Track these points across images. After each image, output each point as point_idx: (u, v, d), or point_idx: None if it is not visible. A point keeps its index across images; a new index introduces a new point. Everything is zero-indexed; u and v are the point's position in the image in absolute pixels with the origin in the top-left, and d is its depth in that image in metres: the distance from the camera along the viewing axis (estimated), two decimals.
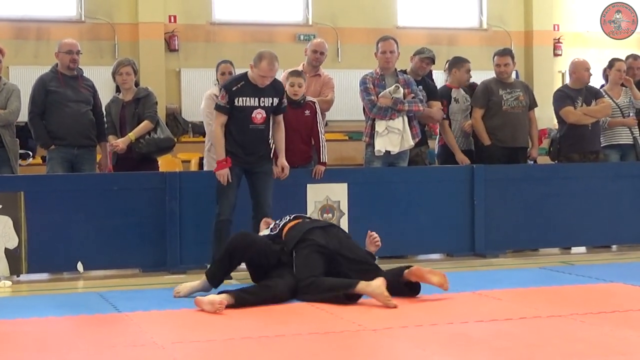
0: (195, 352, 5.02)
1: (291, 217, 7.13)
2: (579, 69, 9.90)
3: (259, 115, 7.68)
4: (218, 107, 7.72)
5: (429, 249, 9.28)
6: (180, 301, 6.55)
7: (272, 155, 7.99)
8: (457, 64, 9.80)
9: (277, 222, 7.12)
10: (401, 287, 6.53)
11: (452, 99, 9.54)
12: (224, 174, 7.62)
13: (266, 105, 7.71)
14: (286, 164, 7.97)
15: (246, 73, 7.69)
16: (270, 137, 7.93)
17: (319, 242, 6.73)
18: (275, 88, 7.79)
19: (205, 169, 9.04)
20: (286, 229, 6.98)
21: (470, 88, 9.89)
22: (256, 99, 7.66)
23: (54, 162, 8.71)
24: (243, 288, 6.53)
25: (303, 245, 6.72)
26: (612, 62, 10.19)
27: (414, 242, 9.02)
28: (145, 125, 8.71)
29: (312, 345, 5.18)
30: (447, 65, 10.07)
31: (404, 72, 9.34)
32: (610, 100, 9.92)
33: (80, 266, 8.03)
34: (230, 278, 7.21)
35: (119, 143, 8.61)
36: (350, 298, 6.31)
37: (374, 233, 7.18)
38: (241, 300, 6.29)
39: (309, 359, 4.82)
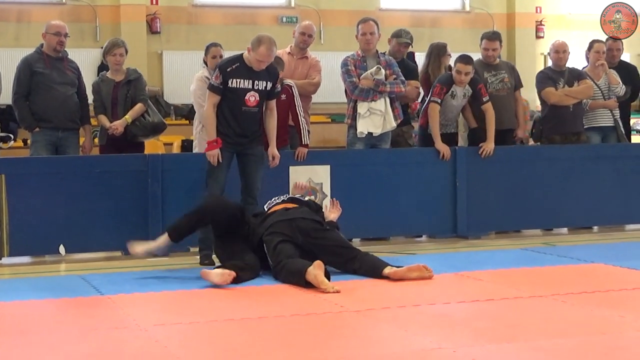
0: (177, 334, 5.02)
1: (285, 199, 7.19)
2: (554, 51, 9.92)
3: (252, 98, 7.64)
4: (211, 87, 7.67)
5: (411, 231, 9.30)
6: (162, 284, 6.56)
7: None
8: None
9: (275, 199, 7.20)
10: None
11: (451, 92, 9.27)
12: (214, 155, 7.59)
13: (260, 88, 7.66)
14: (277, 153, 7.96)
15: (241, 55, 7.65)
16: (260, 120, 7.87)
17: (285, 232, 6.80)
18: (270, 72, 7.74)
19: (196, 150, 9.01)
20: (270, 211, 7.06)
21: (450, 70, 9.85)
22: (250, 82, 7.62)
23: (38, 144, 8.64)
24: (235, 263, 6.62)
25: (270, 237, 6.80)
26: (592, 44, 10.19)
27: (396, 224, 9.03)
28: (140, 107, 8.71)
29: (294, 327, 5.19)
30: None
31: (382, 54, 9.35)
32: (592, 82, 9.94)
33: (62, 249, 8.01)
34: (213, 263, 7.26)
35: (117, 126, 8.59)
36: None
37: (335, 199, 7.60)
38: (241, 275, 6.49)
39: (291, 341, 4.82)
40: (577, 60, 10.47)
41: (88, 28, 16.28)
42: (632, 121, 12.44)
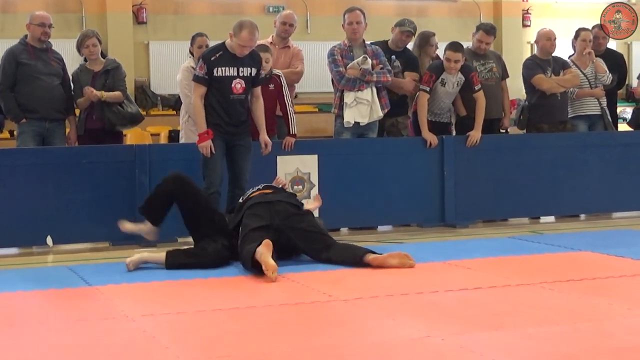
0: (165, 325, 5.01)
1: (261, 187, 7.18)
2: (542, 39, 9.93)
3: (238, 85, 7.63)
4: (197, 78, 7.65)
5: (399, 220, 9.30)
6: (150, 274, 6.54)
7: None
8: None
9: (251, 189, 7.22)
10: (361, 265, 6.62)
11: (441, 79, 9.23)
12: (206, 146, 7.58)
13: (245, 75, 7.66)
14: (268, 139, 7.97)
15: (224, 43, 7.63)
16: (248, 107, 7.89)
17: (263, 215, 6.79)
18: (253, 58, 7.75)
19: (182, 141, 9.00)
20: (248, 197, 7.10)
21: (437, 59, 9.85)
22: (235, 69, 7.61)
23: (25, 135, 8.62)
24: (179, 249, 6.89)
25: (247, 222, 6.79)
26: (578, 32, 10.20)
27: (384, 213, 9.04)
28: (117, 94, 8.72)
29: (283, 316, 5.19)
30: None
31: (386, 42, 9.34)
32: (578, 70, 9.94)
33: (49, 240, 7.99)
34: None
35: (94, 91, 8.60)
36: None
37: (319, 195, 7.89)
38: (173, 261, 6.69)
39: (280, 330, 4.82)
40: (563, 49, 10.48)
41: (74, 18, 16.22)
42: (619, 109, 12.50)
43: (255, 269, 6.28)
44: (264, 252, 6.24)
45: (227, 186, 7.78)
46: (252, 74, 7.72)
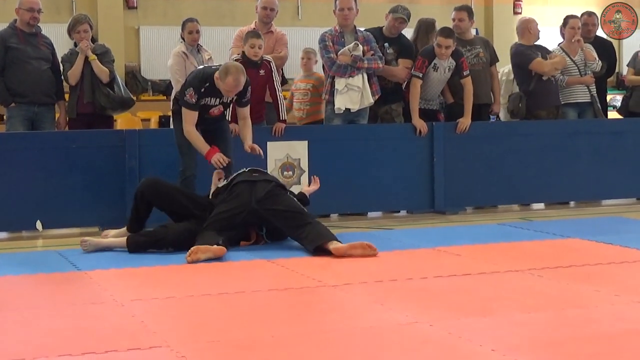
0: (154, 309, 5.01)
1: (246, 170, 7.20)
2: (524, 27, 9.95)
3: (216, 110, 7.64)
4: (188, 105, 7.50)
5: (389, 206, 9.32)
6: (139, 259, 6.55)
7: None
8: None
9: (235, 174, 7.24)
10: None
11: (433, 64, 9.22)
12: (217, 160, 7.48)
13: (226, 102, 7.64)
14: (254, 145, 7.79)
15: (212, 75, 7.44)
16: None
17: (239, 199, 6.89)
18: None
19: (172, 126, 8.98)
20: (232, 177, 7.16)
21: None
22: (218, 100, 7.57)
23: (14, 120, 8.61)
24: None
25: (215, 211, 6.92)
26: (567, 20, 10.22)
27: (373, 200, 9.05)
28: (104, 70, 8.71)
29: (271, 302, 5.20)
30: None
31: (380, 29, 9.32)
32: (568, 57, 9.95)
33: (39, 224, 7.99)
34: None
35: (88, 45, 8.63)
36: None
37: (315, 176, 7.87)
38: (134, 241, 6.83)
39: (269, 315, 4.83)
40: (553, 37, 10.49)
41: (64, 3, 16.13)
42: (609, 97, 12.51)
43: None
44: (207, 250, 6.44)
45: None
46: (233, 100, 7.66)
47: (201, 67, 7.86)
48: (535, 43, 10.00)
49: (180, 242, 6.75)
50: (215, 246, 6.49)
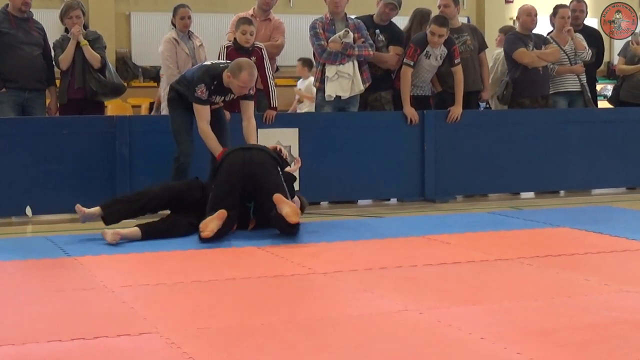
0: (144, 296, 5.02)
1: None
2: (523, 15, 9.95)
3: (217, 106, 7.67)
4: (201, 101, 7.43)
5: (379, 195, 9.32)
6: (129, 245, 6.55)
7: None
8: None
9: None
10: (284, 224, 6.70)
11: (425, 52, 9.22)
12: None
13: (230, 98, 7.64)
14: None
15: (221, 72, 7.40)
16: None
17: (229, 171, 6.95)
18: None
19: (163, 113, 8.97)
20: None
21: None
22: (222, 97, 7.58)
23: (4, 105, 8.58)
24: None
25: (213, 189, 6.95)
26: (556, 10, 10.23)
27: (364, 187, 9.05)
28: (95, 56, 8.67)
29: (262, 289, 5.20)
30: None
31: (371, 17, 9.31)
32: (558, 47, 9.96)
33: (29, 210, 7.97)
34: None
35: (79, 28, 8.62)
36: None
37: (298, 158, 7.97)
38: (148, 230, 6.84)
39: (258, 302, 4.83)
40: (544, 26, 10.48)
41: None
42: (600, 87, 12.54)
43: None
44: (211, 218, 6.48)
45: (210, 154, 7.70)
46: (236, 96, 7.61)
47: (207, 63, 7.74)
48: (535, 32, 9.99)
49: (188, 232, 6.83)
50: (214, 214, 6.58)
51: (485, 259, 5.96)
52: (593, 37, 10.57)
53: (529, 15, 9.90)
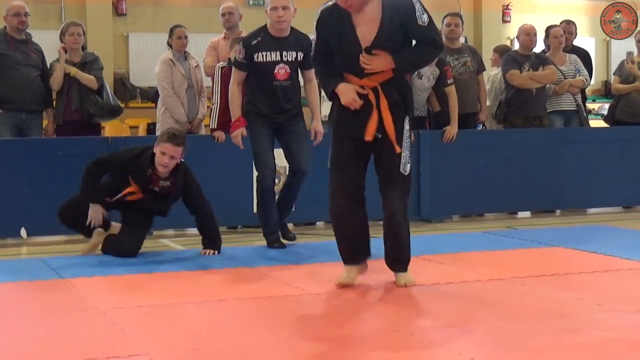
0: (136, 317, 5.01)
1: None
2: (522, 34, 9.98)
3: (282, 70, 7.14)
4: (236, 64, 7.21)
5: (374, 214, 9.25)
6: (123, 267, 6.54)
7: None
8: None
9: None
10: None
11: (417, 72, 9.21)
12: (237, 136, 7.26)
13: (289, 60, 7.16)
14: (320, 128, 7.49)
15: (265, 25, 7.20)
16: (296, 94, 7.41)
17: None
18: (299, 41, 7.24)
19: (158, 134, 8.98)
20: None
21: None
22: (278, 53, 7.14)
23: (2, 127, 8.58)
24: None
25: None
26: (548, 30, 10.26)
27: None
28: (90, 77, 8.68)
29: (254, 309, 5.20)
30: None
31: None
32: (556, 68, 9.98)
33: (23, 232, 7.97)
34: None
35: (65, 51, 8.68)
36: None
37: None
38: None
39: (251, 323, 4.83)
40: (542, 46, 10.51)
41: (53, 9, 16.09)
42: (597, 105, 12.56)
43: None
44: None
45: (288, 173, 7.57)
46: (298, 59, 7.21)
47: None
48: (536, 51, 10.02)
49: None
50: None
51: (479, 279, 5.96)
52: (583, 59, 10.57)
53: (527, 35, 9.93)
